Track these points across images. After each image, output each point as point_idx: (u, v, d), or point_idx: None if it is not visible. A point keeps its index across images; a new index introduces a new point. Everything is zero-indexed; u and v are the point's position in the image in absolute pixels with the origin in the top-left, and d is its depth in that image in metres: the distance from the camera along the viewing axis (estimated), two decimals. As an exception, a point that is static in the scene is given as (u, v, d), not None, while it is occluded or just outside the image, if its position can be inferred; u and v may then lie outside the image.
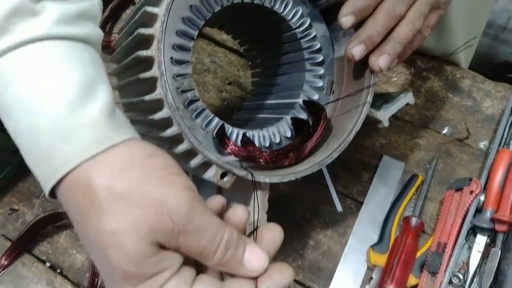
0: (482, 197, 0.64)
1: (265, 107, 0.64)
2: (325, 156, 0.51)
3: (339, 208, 0.68)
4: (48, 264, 0.66)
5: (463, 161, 0.72)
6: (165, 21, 0.44)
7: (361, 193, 0.70)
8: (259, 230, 0.41)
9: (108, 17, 0.87)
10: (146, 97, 0.45)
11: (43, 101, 0.36)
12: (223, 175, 0.47)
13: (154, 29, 0.45)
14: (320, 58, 0.57)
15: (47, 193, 0.37)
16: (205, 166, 0.48)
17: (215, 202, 0.41)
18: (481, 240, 0.62)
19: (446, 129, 0.76)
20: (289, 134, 0.55)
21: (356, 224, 0.67)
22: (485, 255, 0.62)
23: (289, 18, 0.55)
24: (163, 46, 0.45)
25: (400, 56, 0.54)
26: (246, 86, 0.82)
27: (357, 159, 0.73)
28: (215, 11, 0.51)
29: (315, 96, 0.57)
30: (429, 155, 0.73)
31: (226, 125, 0.51)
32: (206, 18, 0.51)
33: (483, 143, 0.74)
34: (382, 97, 0.59)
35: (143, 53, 0.45)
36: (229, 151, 0.50)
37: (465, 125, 0.76)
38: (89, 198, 0.34)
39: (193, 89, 0.49)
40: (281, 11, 0.54)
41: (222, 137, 0.50)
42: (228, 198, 0.56)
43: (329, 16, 0.57)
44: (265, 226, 0.42)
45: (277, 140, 0.55)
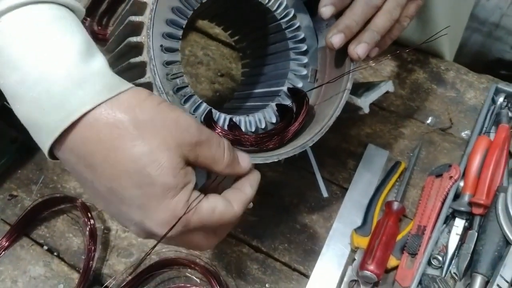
0: (462, 183, 0.67)
1: (253, 96, 0.67)
2: (307, 140, 0.54)
3: (325, 194, 0.71)
4: (46, 247, 0.68)
5: (445, 149, 0.75)
6: (154, 9, 0.47)
7: (346, 180, 0.73)
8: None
9: (105, 11, 0.90)
10: (137, 82, 0.48)
11: (56, 51, 0.39)
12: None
13: (144, 17, 0.47)
14: (304, 48, 0.60)
15: (51, 143, 0.40)
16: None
17: None
18: (460, 224, 0.65)
19: (430, 119, 0.79)
20: (274, 120, 0.58)
21: (341, 209, 0.70)
22: (463, 239, 0.64)
23: (274, 9, 0.58)
24: (152, 33, 0.47)
25: (380, 45, 0.57)
26: (238, 78, 0.84)
27: (343, 148, 0.76)
28: (203, 2, 0.53)
29: (300, 84, 0.60)
30: (413, 144, 0.76)
31: (214, 111, 0.54)
32: (195, 8, 0.53)
33: (465, 133, 0.77)
34: (364, 86, 0.62)
35: (134, 40, 0.48)
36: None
37: (448, 115, 0.79)
38: (118, 130, 0.38)
39: (182, 76, 0.52)
40: (266, 2, 0.57)
41: (210, 122, 0.53)
42: (216, 179, 0.59)
43: (313, 8, 0.60)
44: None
45: (263, 126, 0.57)
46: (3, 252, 0.68)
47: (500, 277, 0.58)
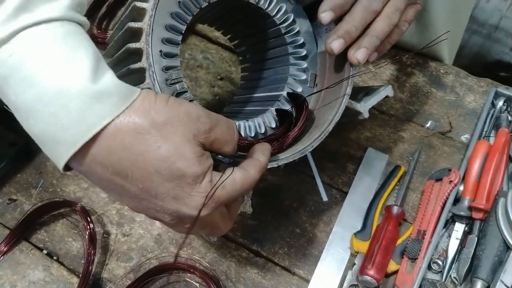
0: (461, 187, 0.67)
1: (253, 100, 0.67)
2: (306, 145, 0.54)
3: (325, 198, 0.71)
4: (45, 251, 0.68)
5: (445, 153, 0.75)
6: (153, 15, 0.47)
7: (346, 184, 0.73)
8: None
9: (105, 14, 0.90)
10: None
11: (71, 66, 0.40)
12: (209, 161, 0.50)
13: (143, 23, 0.47)
14: (304, 53, 0.60)
15: (69, 156, 0.41)
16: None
17: None
18: (460, 228, 0.65)
19: (430, 123, 0.79)
20: (274, 125, 0.58)
21: (341, 213, 0.70)
22: (463, 243, 0.64)
23: (274, 14, 0.58)
24: (151, 39, 0.47)
25: (379, 50, 0.57)
26: (238, 82, 0.84)
27: (343, 151, 0.76)
28: (202, 7, 0.53)
29: (299, 89, 0.60)
30: (412, 148, 0.76)
31: (213, 115, 0.54)
32: (194, 14, 0.53)
33: (465, 136, 0.77)
34: (364, 90, 0.62)
35: (133, 46, 0.48)
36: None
37: (448, 119, 0.79)
38: (141, 135, 0.41)
39: (182, 81, 0.52)
40: (266, 7, 0.57)
41: (209, 127, 0.53)
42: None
43: (312, 13, 0.60)
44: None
45: (262, 130, 0.57)
46: (2, 257, 0.67)
47: (501, 283, 0.58)
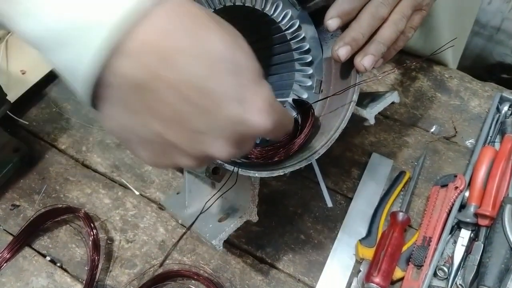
0: (467, 193, 0.67)
1: (258, 106, 0.67)
2: (312, 152, 0.53)
3: (330, 204, 0.71)
4: (48, 258, 0.68)
5: (450, 159, 0.75)
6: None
7: (351, 189, 0.72)
8: None
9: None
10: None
11: None
12: (215, 170, 0.50)
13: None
14: (309, 59, 0.59)
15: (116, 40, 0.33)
16: (198, 162, 0.50)
17: None
18: (465, 235, 0.65)
19: (434, 128, 0.78)
20: (279, 132, 0.58)
21: (346, 219, 0.69)
22: (469, 250, 0.64)
23: (279, 20, 0.57)
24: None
25: (385, 56, 0.57)
26: (241, 86, 0.84)
27: (347, 157, 0.75)
28: (208, 14, 0.53)
29: (305, 95, 0.60)
30: (417, 153, 0.75)
31: (219, 123, 0.54)
32: (199, 21, 0.53)
33: (470, 141, 0.77)
34: (369, 96, 0.61)
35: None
36: (221, 148, 0.52)
37: (453, 124, 0.79)
38: (201, 19, 0.36)
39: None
40: (272, 13, 0.57)
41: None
42: (222, 190, 0.58)
43: (318, 18, 0.59)
44: None
45: (268, 137, 0.57)
46: (6, 264, 0.67)
47: (508, 290, 0.58)
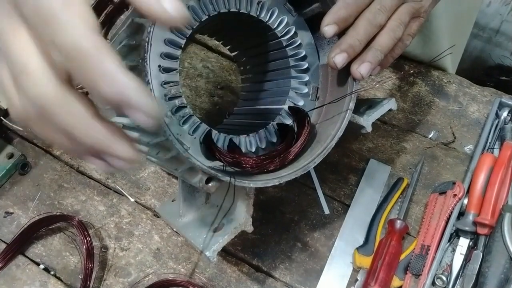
0: (466, 201, 0.66)
1: (254, 113, 0.66)
2: (308, 161, 0.53)
3: (327, 211, 0.70)
4: (42, 266, 0.67)
5: (448, 165, 0.74)
6: (151, 31, 0.46)
7: (348, 196, 0.72)
8: None
9: (103, 23, 0.88)
10: (134, 105, 0.47)
11: None
12: (208, 181, 0.49)
13: (141, 39, 0.46)
14: (305, 66, 0.59)
15: None
16: (192, 172, 0.49)
17: None
18: (464, 243, 0.64)
19: (432, 133, 0.77)
20: (275, 140, 0.57)
21: (343, 227, 0.68)
22: (468, 258, 0.63)
23: (275, 27, 0.56)
24: (149, 56, 0.46)
25: (383, 64, 0.56)
26: (238, 91, 0.83)
27: (345, 163, 0.75)
28: (202, 20, 0.52)
29: (301, 102, 0.59)
30: (415, 159, 0.75)
31: (213, 131, 0.53)
32: (194, 27, 0.52)
33: (469, 147, 0.76)
34: (366, 103, 0.61)
35: (130, 63, 0.46)
36: (216, 157, 0.51)
37: (451, 129, 0.78)
38: None
39: (181, 96, 0.51)
40: (267, 20, 0.56)
41: (209, 143, 0.52)
42: (216, 201, 0.58)
43: (314, 25, 0.58)
44: None
45: (263, 146, 0.56)
46: (-1, 272, 0.66)
47: (507, 300, 0.57)
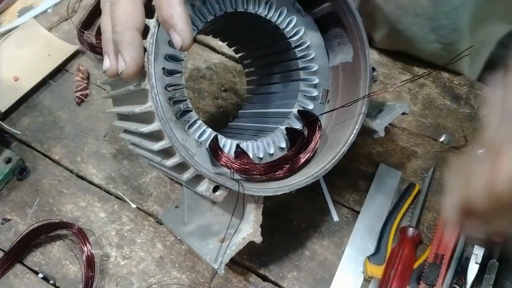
0: (480, 207, 0.63)
1: (260, 116, 0.64)
2: (320, 168, 0.50)
3: (336, 218, 0.68)
4: (41, 275, 0.64)
5: (461, 170, 0.71)
6: (155, 33, 0.44)
7: (358, 202, 0.69)
8: None
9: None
10: (137, 109, 0.45)
11: None
12: (216, 189, 0.46)
13: (145, 41, 0.44)
14: (315, 67, 0.56)
15: None
16: (198, 179, 0.47)
17: None
18: (479, 252, 0.61)
19: (444, 137, 0.75)
20: (284, 145, 0.55)
21: (353, 234, 0.66)
22: (483, 267, 0.61)
23: (284, 27, 0.54)
24: (154, 59, 0.44)
25: None
26: (242, 93, 0.81)
27: (354, 167, 0.72)
28: (208, 20, 0.50)
29: (310, 106, 0.57)
30: (426, 164, 0.72)
31: (220, 136, 0.51)
32: (199, 28, 0.50)
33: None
34: (377, 106, 0.58)
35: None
36: (223, 163, 0.49)
37: (463, 133, 0.75)
38: None
39: (186, 100, 0.49)
40: (276, 20, 0.54)
41: (215, 149, 0.49)
42: (222, 210, 0.55)
43: (324, 25, 0.56)
44: None
45: (272, 151, 0.54)
46: (-4, 282, 0.64)
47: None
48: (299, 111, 0.55)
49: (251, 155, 0.52)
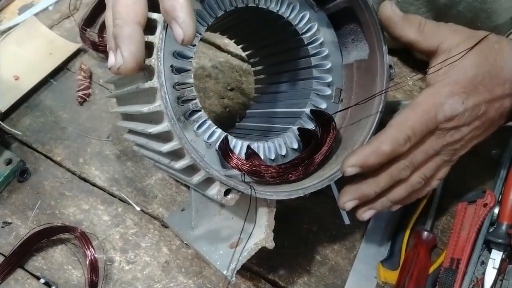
0: (496, 210, 0.61)
1: (270, 116, 0.61)
2: (335, 170, 0.48)
3: (347, 221, 0.66)
4: (43, 281, 0.63)
5: (474, 171, 0.69)
6: (165, 27, 0.41)
7: (370, 205, 0.67)
8: None
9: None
10: (145, 109, 0.43)
11: None
12: (227, 192, 0.44)
13: (154, 37, 0.42)
14: (328, 65, 0.54)
15: None
16: (208, 182, 0.45)
17: None
18: (496, 256, 0.60)
19: (456, 137, 0.73)
20: (296, 146, 0.52)
21: (365, 238, 0.64)
22: (501, 271, 0.59)
23: (296, 23, 0.52)
24: (163, 55, 0.42)
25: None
26: (249, 92, 0.79)
27: (365, 169, 0.70)
28: (218, 16, 0.48)
29: (323, 105, 0.54)
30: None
31: (230, 137, 0.48)
32: (209, 24, 0.48)
33: (494, 151, 0.71)
34: (388, 106, 0.56)
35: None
36: (233, 165, 0.47)
37: (476, 133, 0.73)
38: None
39: (195, 99, 0.46)
40: (288, 16, 0.51)
41: (226, 150, 0.47)
42: (232, 213, 0.53)
43: (337, 21, 0.54)
44: None
45: (283, 152, 0.52)
46: (-4, 288, 0.62)
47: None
48: (312, 111, 0.53)
49: (262, 157, 0.50)
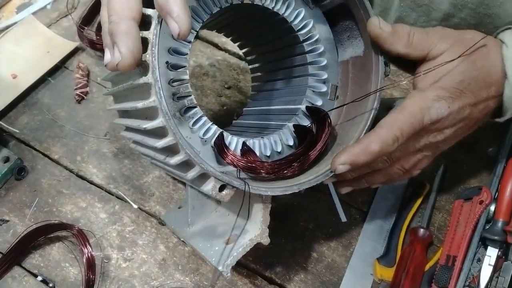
0: (493, 207, 0.62)
1: (266, 113, 0.62)
2: (330, 167, 0.48)
3: (344, 219, 0.66)
4: (40, 278, 0.63)
5: (471, 168, 0.70)
6: (160, 22, 0.42)
7: (366, 202, 0.67)
8: None
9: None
10: (139, 104, 0.43)
11: None
12: (222, 188, 0.44)
13: (148, 32, 0.42)
14: (324, 62, 0.54)
15: None
16: (203, 178, 0.45)
17: None
18: (492, 253, 0.60)
19: (454, 135, 0.73)
20: (292, 142, 0.53)
21: (361, 235, 0.64)
22: (497, 269, 0.59)
23: (292, 20, 0.52)
24: (157, 51, 0.42)
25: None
26: (246, 91, 0.79)
27: (362, 167, 0.70)
28: (213, 13, 0.48)
29: (319, 102, 0.55)
30: (435, 162, 0.70)
31: (225, 133, 0.49)
32: (204, 21, 0.48)
33: (491, 149, 0.71)
34: (385, 104, 0.56)
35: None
36: (229, 161, 0.47)
37: (473, 131, 0.73)
38: None
39: (190, 96, 0.47)
40: (283, 12, 0.52)
41: (221, 146, 0.47)
42: (228, 210, 0.53)
43: (333, 18, 0.54)
44: None
45: (279, 149, 0.52)
46: (-7, 285, 0.62)
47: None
48: (307, 108, 0.54)
49: (258, 153, 0.50)
